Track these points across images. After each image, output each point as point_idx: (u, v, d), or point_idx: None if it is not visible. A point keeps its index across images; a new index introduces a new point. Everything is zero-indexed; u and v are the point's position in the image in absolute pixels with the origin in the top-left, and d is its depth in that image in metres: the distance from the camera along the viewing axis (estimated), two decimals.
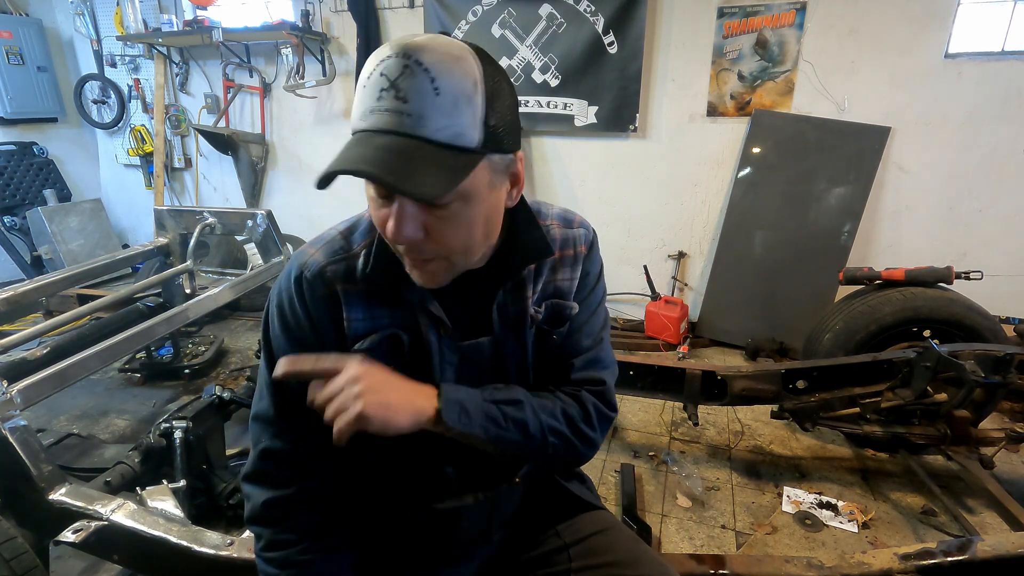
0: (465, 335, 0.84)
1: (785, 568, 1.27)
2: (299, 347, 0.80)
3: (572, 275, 0.90)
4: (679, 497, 2.12)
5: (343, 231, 0.83)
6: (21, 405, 1.50)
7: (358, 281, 0.79)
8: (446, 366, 0.83)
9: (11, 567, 1.28)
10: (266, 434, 0.85)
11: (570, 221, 0.92)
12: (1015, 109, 2.85)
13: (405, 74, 0.61)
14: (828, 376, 2.04)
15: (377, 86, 0.62)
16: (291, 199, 4.51)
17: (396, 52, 0.62)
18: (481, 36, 3.53)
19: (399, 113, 0.61)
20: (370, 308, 0.80)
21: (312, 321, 0.80)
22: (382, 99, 0.62)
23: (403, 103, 0.61)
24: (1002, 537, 1.33)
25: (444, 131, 0.62)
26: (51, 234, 4.25)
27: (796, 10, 3.03)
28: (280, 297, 0.82)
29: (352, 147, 0.63)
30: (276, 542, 0.83)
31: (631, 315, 3.81)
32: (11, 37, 4.39)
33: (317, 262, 0.80)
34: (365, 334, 0.80)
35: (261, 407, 0.85)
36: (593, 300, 0.94)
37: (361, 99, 0.64)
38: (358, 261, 0.80)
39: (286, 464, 0.85)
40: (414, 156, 0.61)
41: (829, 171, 3.11)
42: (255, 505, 0.85)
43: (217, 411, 1.92)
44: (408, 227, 0.67)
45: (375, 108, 0.62)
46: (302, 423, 0.82)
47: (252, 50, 4.18)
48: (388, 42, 0.65)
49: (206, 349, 3.01)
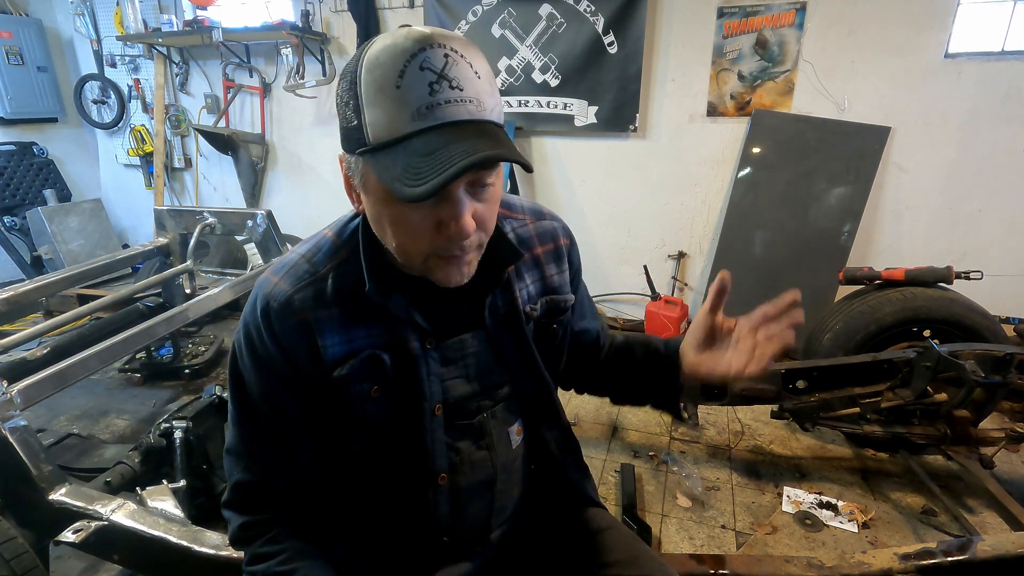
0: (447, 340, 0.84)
1: (785, 568, 1.27)
2: (272, 378, 0.78)
3: (560, 268, 0.92)
4: (679, 497, 2.12)
5: (304, 254, 0.80)
6: (21, 405, 1.50)
7: (329, 304, 0.76)
8: (432, 378, 0.82)
9: (11, 567, 1.28)
10: (237, 467, 0.83)
11: (541, 213, 0.94)
12: (1015, 109, 2.85)
13: (449, 63, 0.60)
14: (828, 376, 2.04)
15: (424, 80, 0.60)
16: (291, 199, 4.51)
17: (427, 43, 0.60)
18: (481, 36, 3.53)
19: (463, 102, 0.61)
20: (345, 331, 0.77)
21: (284, 352, 0.76)
22: (437, 92, 0.60)
23: (460, 91, 0.61)
24: (1002, 537, 1.33)
25: (495, 111, 0.65)
26: (51, 234, 4.25)
27: (796, 10, 3.03)
28: (248, 330, 0.78)
29: (445, 142, 0.60)
30: (258, 555, 0.82)
31: (631, 315, 3.80)
32: (11, 37, 4.39)
33: (283, 291, 0.76)
34: (343, 358, 0.77)
35: (231, 441, 0.84)
36: (583, 286, 1.01)
37: (403, 98, 0.60)
38: (326, 283, 0.77)
39: (258, 496, 0.84)
40: (496, 136, 0.63)
41: (829, 171, 3.11)
42: (233, 528, 0.85)
43: (217, 411, 1.92)
44: (470, 219, 0.67)
45: (433, 103, 0.60)
46: (272, 457, 0.82)
47: (252, 50, 4.19)
48: (389, 39, 0.62)
49: (206, 349, 3.01)
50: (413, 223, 0.67)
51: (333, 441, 0.84)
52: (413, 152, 0.61)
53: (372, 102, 0.61)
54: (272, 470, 0.82)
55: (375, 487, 0.87)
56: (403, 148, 0.62)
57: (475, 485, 0.89)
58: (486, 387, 0.87)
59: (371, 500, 0.89)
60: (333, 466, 0.86)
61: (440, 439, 0.84)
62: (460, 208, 0.66)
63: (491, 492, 0.91)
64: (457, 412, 0.85)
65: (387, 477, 0.86)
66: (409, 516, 0.87)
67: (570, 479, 1.02)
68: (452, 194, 0.65)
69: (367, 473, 0.86)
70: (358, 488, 0.88)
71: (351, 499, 0.90)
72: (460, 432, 0.86)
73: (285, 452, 0.82)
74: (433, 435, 0.83)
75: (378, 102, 0.61)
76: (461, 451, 0.86)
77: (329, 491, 0.88)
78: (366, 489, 0.88)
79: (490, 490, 0.91)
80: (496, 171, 0.69)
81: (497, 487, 0.91)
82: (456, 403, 0.85)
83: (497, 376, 0.88)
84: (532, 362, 0.90)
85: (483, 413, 0.88)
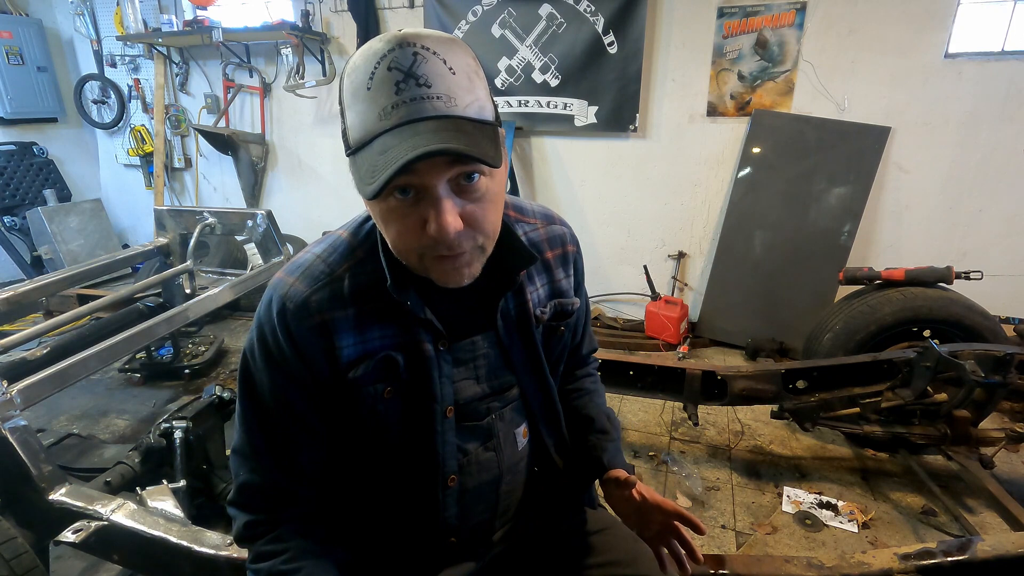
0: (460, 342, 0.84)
1: (785, 568, 1.27)
2: (286, 381, 0.78)
3: (567, 273, 0.93)
4: (679, 497, 2.12)
5: (320, 254, 0.79)
6: (21, 405, 1.50)
7: (346, 305, 0.76)
8: (444, 380, 0.82)
9: (11, 567, 1.28)
10: (243, 468, 0.83)
11: (551, 218, 0.94)
12: (1015, 109, 2.85)
13: (418, 61, 0.60)
14: (828, 376, 2.04)
15: (391, 80, 0.60)
16: (291, 199, 4.51)
17: (397, 44, 0.61)
18: (481, 36, 3.53)
19: (429, 99, 0.61)
20: (360, 332, 0.77)
21: (299, 353, 0.76)
22: (403, 91, 0.60)
23: (428, 88, 0.61)
24: (1002, 537, 1.32)
25: (471, 107, 0.64)
26: (51, 234, 4.25)
27: (796, 10, 3.03)
28: (262, 331, 0.78)
29: (400, 140, 0.60)
30: (262, 554, 0.82)
31: (631, 315, 3.81)
32: (11, 37, 4.39)
33: (299, 292, 0.76)
34: (357, 359, 0.77)
35: (237, 442, 0.83)
36: (584, 293, 1.01)
37: (373, 99, 0.61)
38: (343, 284, 0.77)
39: (263, 497, 0.83)
40: (463, 130, 0.62)
41: (829, 171, 3.11)
42: (238, 526, 0.84)
43: (217, 411, 1.92)
44: (453, 219, 0.65)
45: (399, 101, 0.60)
46: (279, 459, 0.81)
47: (252, 50, 4.19)
48: (369, 43, 0.62)
49: (206, 349, 3.01)
50: (398, 222, 0.68)
51: (343, 442, 0.84)
52: (375, 151, 0.62)
53: (349, 105, 0.63)
54: (279, 472, 0.82)
55: (384, 488, 0.87)
56: (370, 148, 0.62)
57: (481, 486, 0.89)
58: (495, 389, 0.87)
59: (379, 501, 0.89)
60: (342, 467, 0.86)
61: (451, 441, 0.84)
62: (439, 206, 0.65)
63: (496, 493, 0.91)
64: (467, 413, 0.85)
65: (396, 478, 0.86)
66: (417, 517, 0.87)
67: (571, 479, 1.02)
68: (431, 192, 0.65)
69: (376, 474, 0.86)
70: (366, 489, 0.88)
71: (359, 499, 0.89)
72: (469, 433, 0.86)
73: (293, 454, 0.81)
74: (444, 437, 0.83)
75: (353, 105, 0.63)
76: (469, 452, 0.86)
77: (337, 492, 0.88)
78: (374, 490, 0.88)
79: (495, 491, 0.91)
80: (485, 169, 0.66)
81: (502, 488, 0.91)
82: (466, 404, 0.85)
83: (505, 378, 0.88)
84: (538, 365, 0.90)
85: (492, 415, 0.88)
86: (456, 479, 0.86)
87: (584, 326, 1.05)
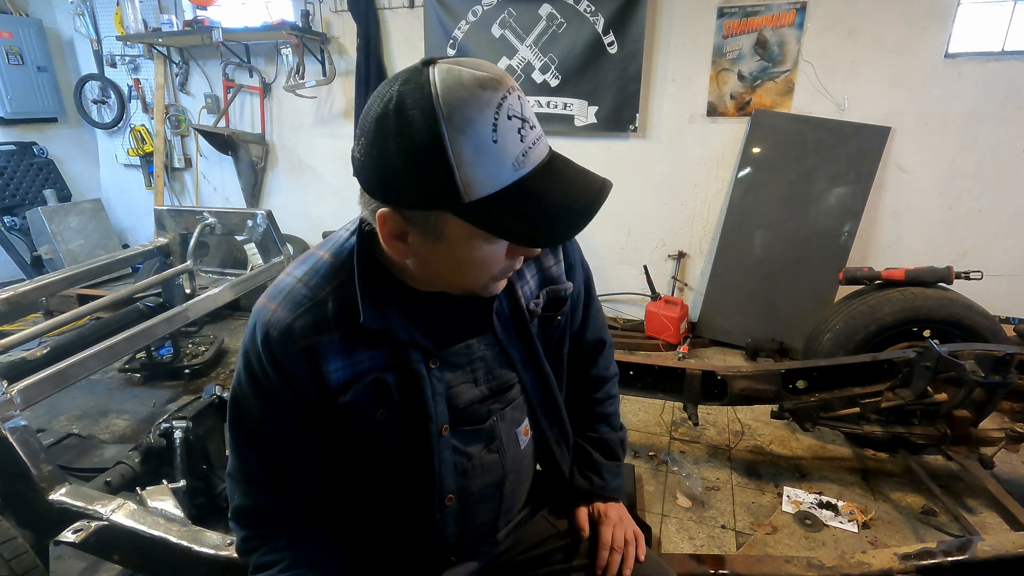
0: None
1: (785, 568, 1.26)
2: (275, 407, 0.78)
3: (556, 259, 0.93)
4: (679, 497, 2.12)
5: (300, 278, 0.77)
6: (21, 405, 1.50)
7: (331, 329, 0.75)
8: (438, 399, 0.81)
9: (11, 567, 1.28)
10: (237, 492, 0.83)
11: None
12: (1015, 109, 2.85)
13: (522, 104, 0.63)
14: (828, 376, 2.04)
15: (513, 128, 0.61)
16: (291, 199, 4.51)
17: (505, 88, 0.61)
18: (481, 36, 3.53)
19: (541, 138, 0.65)
20: (347, 354, 0.76)
21: (287, 379, 0.75)
22: (527, 135, 0.62)
23: (535, 129, 0.64)
24: (1002, 537, 1.32)
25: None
26: (51, 234, 4.25)
27: (796, 10, 3.03)
28: (248, 358, 0.77)
29: (558, 183, 0.65)
30: (260, 564, 0.82)
31: (631, 315, 3.81)
32: (11, 37, 4.39)
33: (282, 319, 0.74)
34: (346, 382, 0.76)
35: (231, 467, 0.84)
36: (579, 275, 0.98)
37: (502, 151, 0.60)
38: (326, 307, 0.75)
39: (258, 519, 0.84)
40: (578, 168, 0.69)
41: (829, 171, 3.11)
42: (237, 540, 0.86)
43: (217, 411, 1.92)
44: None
45: (528, 148, 0.63)
46: (272, 484, 0.82)
47: (252, 50, 4.18)
48: (465, 89, 0.59)
49: (206, 349, 3.01)
50: (495, 260, 0.70)
51: (337, 464, 0.84)
52: (522, 200, 0.62)
53: (470, 161, 0.59)
54: (272, 497, 0.83)
55: (381, 505, 0.87)
56: (508, 197, 0.62)
57: (485, 488, 0.89)
58: (494, 390, 0.87)
59: (377, 517, 0.89)
60: (338, 484, 0.86)
61: (448, 459, 0.83)
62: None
63: (500, 493, 0.91)
64: (467, 418, 0.85)
65: (393, 496, 0.86)
66: (415, 535, 0.88)
67: (572, 477, 1.03)
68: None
69: (373, 492, 0.86)
70: (363, 505, 0.88)
71: (356, 514, 0.90)
72: (471, 437, 0.86)
73: (285, 479, 0.82)
74: (440, 456, 0.83)
75: (478, 160, 0.59)
76: (472, 456, 0.86)
77: (334, 505, 0.88)
78: (372, 506, 0.88)
79: (499, 491, 0.91)
80: None
81: (506, 488, 0.92)
82: (466, 408, 0.84)
83: (505, 377, 0.88)
84: (536, 358, 0.90)
85: (493, 416, 0.87)
86: (453, 499, 0.85)
87: (586, 310, 1.02)
